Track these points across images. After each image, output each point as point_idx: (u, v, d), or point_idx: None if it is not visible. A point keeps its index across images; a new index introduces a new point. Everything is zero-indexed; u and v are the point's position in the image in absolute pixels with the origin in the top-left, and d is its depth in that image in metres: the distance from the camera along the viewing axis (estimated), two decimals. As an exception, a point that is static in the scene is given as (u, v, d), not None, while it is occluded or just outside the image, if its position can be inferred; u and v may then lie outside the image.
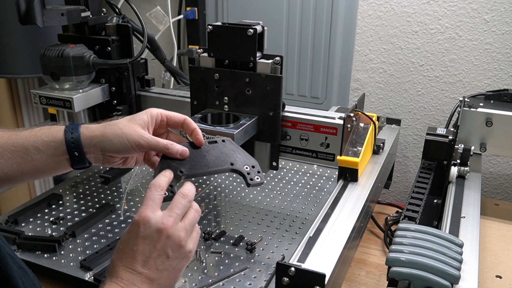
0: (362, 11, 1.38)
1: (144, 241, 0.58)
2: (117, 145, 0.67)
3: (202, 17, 1.60)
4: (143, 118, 0.69)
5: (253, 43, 0.93)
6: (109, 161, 0.71)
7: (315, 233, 0.76)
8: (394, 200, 1.50)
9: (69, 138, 0.66)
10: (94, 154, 0.68)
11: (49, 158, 0.67)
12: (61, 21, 1.02)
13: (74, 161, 0.68)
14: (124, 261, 0.58)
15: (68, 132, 0.67)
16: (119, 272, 0.58)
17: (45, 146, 0.66)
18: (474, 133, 1.09)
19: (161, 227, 0.59)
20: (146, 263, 0.58)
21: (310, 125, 1.02)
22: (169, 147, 0.68)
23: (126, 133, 0.67)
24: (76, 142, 0.66)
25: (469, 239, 0.78)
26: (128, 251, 0.59)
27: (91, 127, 0.68)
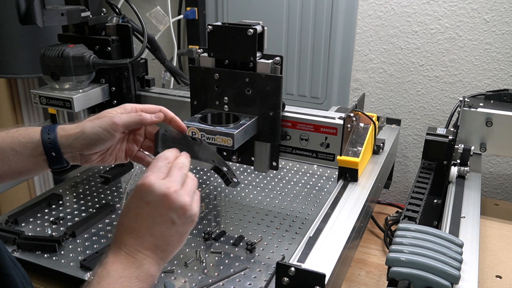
0: (362, 11, 1.38)
1: (149, 206, 0.57)
2: (91, 136, 0.67)
3: (202, 17, 1.60)
4: (115, 110, 0.70)
5: (253, 43, 0.93)
6: (87, 160, 0.71)
7: (315, 233, 0.76)
8: (394, 200, 1.50)
9: (45, 139, 0.67)
10: (72, 153, 0.68)
11: (26, 159, 0.67)
12: (61, 21, 1.02)
13: (51, 162, 0.68)
14: (128, 227, 0.58)
15: (45, 133, 0.67)
16: (123, 238, 0.57)
17: (22, 147, 0.67)
18: (474, 133, 1.09)
19: (165, 191, 0.57)
20: (151, 229, 0.57)
21: (310, 125, 1.02)
22: (143, 115, 0.69)
23: (97, 122, 0.67)
24: (53, 143, 0.67)
25: (469, 239, 0.78)
26: (132, 217, 0.58)
27: (66, 127, 0.69)
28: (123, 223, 0.58)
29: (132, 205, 0.58)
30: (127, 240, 0.57)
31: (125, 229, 0.58)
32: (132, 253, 0.56)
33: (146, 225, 0.57)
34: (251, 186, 1.27)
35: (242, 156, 1.06)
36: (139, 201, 0.58)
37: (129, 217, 0.58)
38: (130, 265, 0.55)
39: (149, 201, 0.58)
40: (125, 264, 0.55)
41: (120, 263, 0.55)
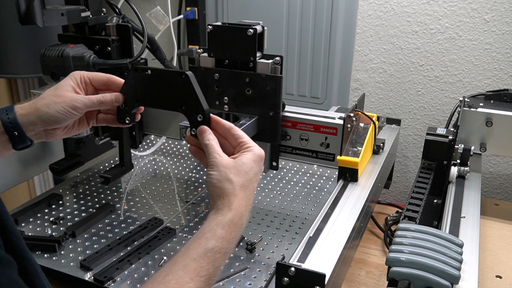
0: (362, 11, 1.38)
1: (259, 172, 0.68)
2: (55, 115, 0.68)
3: (202, 17, 1.60)
4: (68, 83, 0.71)
5: (253, 43, 0.93)
6: (52, 135, 0.72)
7: (315, 233, 0.76)
8: (394, 200, 1.50)
9: (5, 119, 0.67)
10: (35, 131, 0.69)
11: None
12: (61, 21, 1.01)
13: (15, 142, 0.68)
14: (242, 185, 0.64)
15: (3, 114, 0.67)
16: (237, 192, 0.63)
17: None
18: (474, 133, 1.09)
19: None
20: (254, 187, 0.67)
21: (310, 125, 1.02)
22: (103, 99, 0.71)
23: (58, 102, 0.68)
24: (13, 122, 0.67)
25: (469, 239, 0.78)
26: (247, 177, 0.65)
27: (24, 106, 0.69)
28: (237, 182, 0.63)
29: (253, 170, 0.65)
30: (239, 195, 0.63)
31: (240, 186, 0.63)
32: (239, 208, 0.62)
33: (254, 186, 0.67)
34: (251, 186, 1.27)
35: (242, 156, 1.06)
36: (258, 166, 0.67)
37: (245, 177, 0.64)
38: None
39: (261, 168, 0.68)
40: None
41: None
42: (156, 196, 1.21)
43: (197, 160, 1.37)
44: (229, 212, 0.61)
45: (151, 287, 0.54)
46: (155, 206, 1.17)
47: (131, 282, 0.89)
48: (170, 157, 1.44)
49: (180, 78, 0.70)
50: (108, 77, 0.74)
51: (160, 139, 1.46)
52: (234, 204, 0.61)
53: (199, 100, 0.70)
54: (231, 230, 0.60)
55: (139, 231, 1.03)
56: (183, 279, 0.54)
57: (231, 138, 0.68)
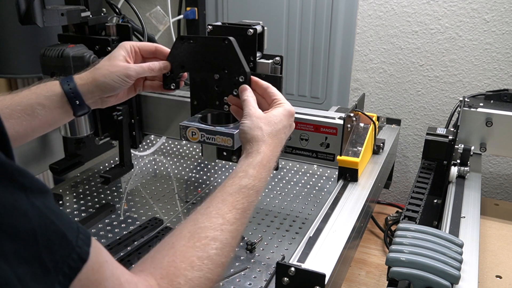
0: (362, 11, 1.38)
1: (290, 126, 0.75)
2: (111, 84, 0.76)
3: (202, 17, 1.60)
4: (120, 53, 0.79)
5: (253, 43, 0.93)
6: (107, 102, 0.81)
7: (315, 233, 0.76)
8: (394, 200, 1.50)
9: (67, 89, 0.74)
10: (93, 99, 0.77)
11: (54, 111, 0.74)
12: (61, 21, 1.01)
13: (76, 109, 0.75)
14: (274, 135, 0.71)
15: (65, 84, 0.74)
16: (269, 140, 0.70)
17: (48, 101, 0.73)
18: (474, 133, 1.09)
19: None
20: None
21: (310, 125, 1.02)
22: (153, 66, 0.80)
23: (114, 71, 0.76)
24: (74, 92, 0.75)
25: (469, 239, 0.78)
26: (280, 128, 0.72)
27: (82, 76, 0.77)
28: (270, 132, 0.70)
29: (282, 122, 0.72)
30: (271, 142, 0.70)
31: (269, 134, 0.70)
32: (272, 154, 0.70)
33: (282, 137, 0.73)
34: (251, 186, 1.27)
35: (242, 156, 1.06)
36: (288, 120, 0.73)
37: (274, 127, 0.71)
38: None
39: (291, 123, 0.75)
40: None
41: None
42: (156, 196, 1.21)
43: (197, 160, 1.37)
44: (258, 155, 0.67)
45: (195, 217, 0.59)
46: (155, 206, 1.17)
47: (131, 282, 0.88)
48: (170, 157, 1.44)
49: (223, 44, 0.78)
50: (156, 46, 0.82)
51: (160, 139, 1.46)
52: (262, 148, 0.68)
53: (241, 63, 0.78)
54: (261, 170, 0.66)
55: (139, 231, 1.03)
56: (223, 210, 0.60)
57: (267, 96, 0.76)
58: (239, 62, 0.77)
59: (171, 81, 0.83)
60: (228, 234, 0.58)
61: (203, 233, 0.56)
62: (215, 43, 0.78)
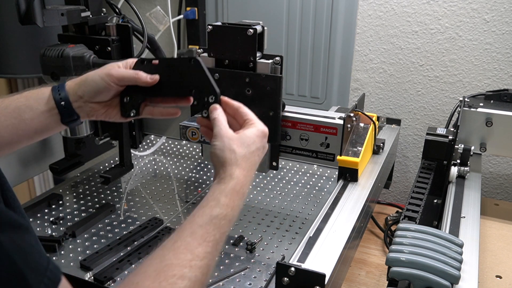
0: (362, 11, 1.38)
1: (263, 148, 0.70)
2: (91, 83, 0.71)
3: (202, 17, 1.60)
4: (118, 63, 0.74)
5: (253, 43, 0.93)
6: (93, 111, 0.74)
7: (315, 233, 0.76)
8: (394, 200, 1.50)
9: (56, 93, 0.71)
10: (78, 102, 0.72)
11: (41, 115, 0.71)
12: (61, 21, 1.01)
13: (63, 114, 0.71)
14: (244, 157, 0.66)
15: (56, 89, 0.72)
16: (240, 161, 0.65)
17: (36, 103, 0.71)
18: (474, 133, 1.09)
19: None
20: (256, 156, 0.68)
21: (310, 125, 1.02)
22: (139, 74, 0.72)
23: (98, 70, 0.72)
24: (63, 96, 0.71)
25: (469, 239, 0.78)
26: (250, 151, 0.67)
27: (74, 78, 0.74)
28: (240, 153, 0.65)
29: (255, 144, 0.67)
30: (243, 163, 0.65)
31: (242, 157, 0.65)
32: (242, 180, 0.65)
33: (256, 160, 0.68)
34: (251, 186, 1.27)
35: (242, 156, 1.06)
36: (261, 141, 0.69)
37: (247, 149, 0.66)
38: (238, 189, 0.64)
39: (264, 145, 0.70)
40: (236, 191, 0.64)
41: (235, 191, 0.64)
42: (156, 196, 1.21)
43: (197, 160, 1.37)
44: (231, 180, 0.63)
45: (161, 253, 0.55)
46: (155, 206, 1.16)
47: (131, 282, 0.88)
48: (170, 157, 1.44)
49: (189, 64, 0.72)
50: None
51: (160, 139, 1.46)
52: (236, 173, 0.64)
53: (211, 82, 0.72)
54: (234, 198, 0.63)
55: (139, 231, 1.03)
56: (192, 244, 0.56)
57: (239, 116, 0.72)
58: (208, 82, 0.72)
59: (131, 108, 0.75)
60: (198, 271, 0.54)
61: (170, 271, 0.53)
62: (181, 63, 0.72)
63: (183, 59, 0.72)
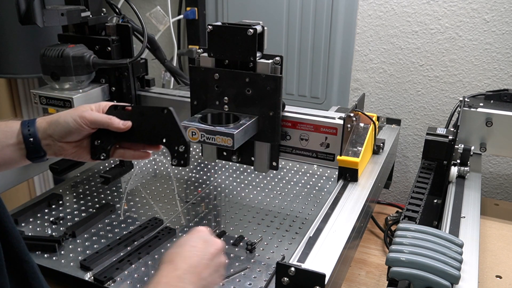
0: (362, 11, 1.38)
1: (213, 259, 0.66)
2: (63, 124, 0.71)
3: (202, 17, 1.60)
4: (91, 106, 0.75)
5: (253, 43, 0.93)
6: (62, 150, 0.74)
7: (315, 233, 0.76)
8: (394, 200, 1.50)
9: (25, 127, 0.71)
10: (47, 140, 0.72)
11: (6, 148, 0.70)
12: (61, 21, 1.02)
13: (29, 150, 0.71)
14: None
15: (25, 123, 0.71)
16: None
17: (3, 135, 0.70)
18: (474, 133, 1.09)
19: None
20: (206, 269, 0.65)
21: (310, 125, 1.02)
22: (112, 119, 0.73)
23: (70, 112, 0.72)
24: (32, 132, 0.71)
25: (469, 239, 0.78)
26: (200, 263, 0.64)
27: (45, 116, 0.73)
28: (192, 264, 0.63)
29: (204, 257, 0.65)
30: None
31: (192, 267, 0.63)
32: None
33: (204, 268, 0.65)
34: (251, 186, 1.27)
35: (242, 156, 1.06)
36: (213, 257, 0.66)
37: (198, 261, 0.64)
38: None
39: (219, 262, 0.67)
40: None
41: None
42: (156, 196, 1.21)
43: (197, 160, 1.37)
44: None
45: None
46: (155, 206, 1.17)
47: (131, 282, 0.89)
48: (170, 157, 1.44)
49: (162, 114, 0.74)
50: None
51: (160, 139, 1.46)
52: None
53: (182, 133, 0.74)
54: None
55: (139, 231, 1.03)
56: None
57: None
58: (179, 131, 0.74)
59: (101, 151, 0.76)
60: None
61: None
62: (154, 112, 0.74)
63: (156, 108, 0.74)
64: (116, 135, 0.74)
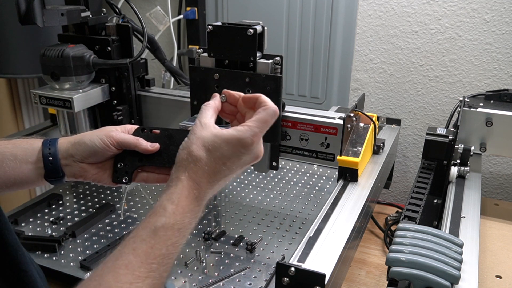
0: (362, 11, 1.38)
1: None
2: (88, 143, 0.67)
3: (202, 17, 1.60)
4: (117, 127, 0.70)
5: (253, 43, 0.93)
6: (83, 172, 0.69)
7: (315, 233, 0.76)
8: (394, 200, 1.50)
9: (46, 145, 0.67)
10: (67, 160, 0.68)
11: (24, 166, 0.67)
12: (61, 21, 1.02)
13: (48, 169, 0.67)
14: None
15: (46, 142, 0.68)
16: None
17: (22, 152, 0.67)
18: (474, 133, 1.09)
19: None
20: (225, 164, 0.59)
21: (310, 125, 1.02)
22: (140, 141, 0.68)
23: (96, 132, 0.68)
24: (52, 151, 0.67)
25: (469, 239, 0.78)
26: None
27: (68, 137, 0.69)
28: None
29: (219, 150, 0.58)
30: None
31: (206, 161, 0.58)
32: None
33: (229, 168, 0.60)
34: (251, 186, 1.27)
35: (242, 156, 1.06)
36: (229, 150, 0.58)
37: (207, 154, 0.58)
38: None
39: (239, 155, 0.60)
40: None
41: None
42: (156, 196, 1.21)
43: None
44: (178, 184, 0.57)
45: (101, 274, 0.51)
46: (155, 206, 1.16)
47: (131, 282, 0.88)
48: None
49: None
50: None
51: (160, 139, 1.46)
52: (182, 177, 0.57)
53: None
54: (183, 204, 0.56)
55: (139, 231, 1.03)
56: (133, 263, 0.51)
57: (247, 100, 0.63)
58: None
59: (124, 174, 0.71)
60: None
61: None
62: (181, 135, 0.68)
63: (184, 131, 0.69)
64: (141, 158, 0.70)
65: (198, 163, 0.57)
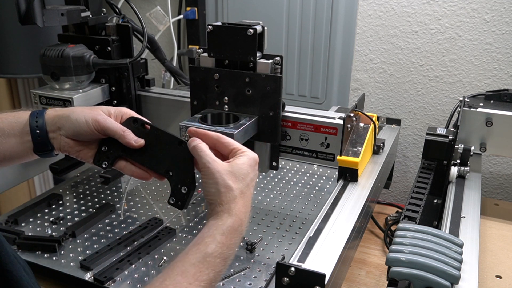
0: (362, 11, 1.38)
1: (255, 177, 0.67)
2: (74, 122, 0.66)
3: (202, 17, 1.60)
4: (108, 108, 0.69)
5: (253, 43, 0.93)
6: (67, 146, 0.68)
7: (315, 233, 0.76)
8: (394, 200, 1.50)
9: (33, 117, 0.67)
10: (54, 133, 0.67)
11: (11, 139, 0.66)
12: (61, 21, 1.02)
13: (36, 142, 0.66)
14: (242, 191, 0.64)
15: (34, 113, 0.68)
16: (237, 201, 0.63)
17: (9, 126, 0.66)
18: (474, 133, 1.09)
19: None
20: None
21: (310, 125, 1.02)
22: (125, 133, 0.67)
23: (86, 111, 0.67)
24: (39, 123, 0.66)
25: (469, 239, 0.78)
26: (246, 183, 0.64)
27: (57, 108, 0.69)
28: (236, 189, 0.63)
29: (249, 175, 0.65)
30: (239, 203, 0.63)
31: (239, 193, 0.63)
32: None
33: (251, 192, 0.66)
34: (251, 186, 1.27)
35: (242, 156, 1.06)
36: (254, 171, 0.66)
37: (243, 183, 0.64)
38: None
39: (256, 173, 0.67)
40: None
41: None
42: (156, 196, 1.21)
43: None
44: (229, 218, 0.61)
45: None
46: (155, 206, 1.16)
47: (131, 282, 0.89)
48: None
49: (177, 146, 0.68)
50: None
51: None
52: (234, 211, 0.61)
53: (191, 173, 0.68)
54: (231, 236, 0.60)
55: (139, 231, 1.03)
56: (181, 284, 0.53)
57: (222, 147, 0.67)
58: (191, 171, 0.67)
59: (105, 158, 0.70)
60: None
61: None
62: (171, 140, 0.68)
63: (173, 137, 0.68)
64: (125, 149, 0.69)
65: (241, 196, 0.63)
